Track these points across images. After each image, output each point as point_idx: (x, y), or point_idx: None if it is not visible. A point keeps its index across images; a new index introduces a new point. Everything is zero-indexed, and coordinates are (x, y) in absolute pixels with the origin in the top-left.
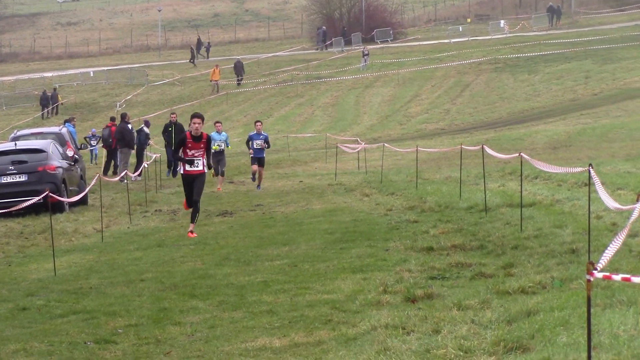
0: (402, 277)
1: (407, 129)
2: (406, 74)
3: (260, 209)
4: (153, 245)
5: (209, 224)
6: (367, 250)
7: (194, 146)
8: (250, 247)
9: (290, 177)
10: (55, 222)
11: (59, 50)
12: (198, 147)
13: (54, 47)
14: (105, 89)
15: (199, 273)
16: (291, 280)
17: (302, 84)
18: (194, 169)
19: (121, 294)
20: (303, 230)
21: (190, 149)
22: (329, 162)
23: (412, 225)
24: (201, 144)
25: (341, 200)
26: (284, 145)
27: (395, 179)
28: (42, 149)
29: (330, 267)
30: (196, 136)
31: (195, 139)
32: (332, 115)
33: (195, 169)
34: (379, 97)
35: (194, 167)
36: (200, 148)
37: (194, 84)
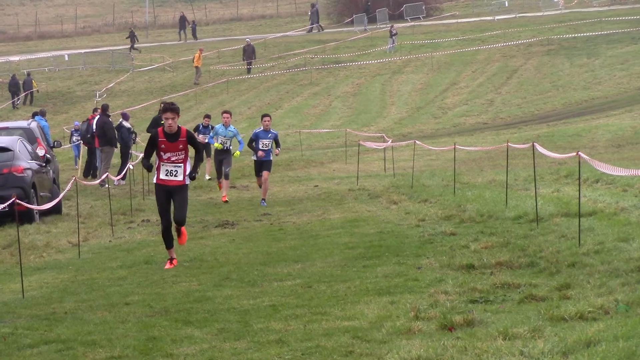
0: (437, 300)
1: (443, 123)
2: (441, 57)
3: (268, 219)
4: (140, 262)
5: (206, 236)
6: (395, 269)
7: (170, 147)
8: (256, 264)
9: (303, 181)
10: (24, 235)
11: (27, 29)
12: (176, 149)
13: (22, 25)
14: (82, 76)
15: (195, 295)
16: (304, 304)
17: (317, 70)
18: (171, 178)
19: (102, 321)
20: (319, 244)
21: (165, 152)
22: (350, 163)
23: (448, 238)
24: (179, 145)
25: (364, 209)
26: (295, 143)
27: (428, 183)
28: (7, 147)
29: (351, 289)
30: (171, 134)
31: (170, 138)
32: (353, 107)
33: (173, 179)
34: (409, 86)
35: (171, 177)
36: (179, 150)
37: (187, 70)
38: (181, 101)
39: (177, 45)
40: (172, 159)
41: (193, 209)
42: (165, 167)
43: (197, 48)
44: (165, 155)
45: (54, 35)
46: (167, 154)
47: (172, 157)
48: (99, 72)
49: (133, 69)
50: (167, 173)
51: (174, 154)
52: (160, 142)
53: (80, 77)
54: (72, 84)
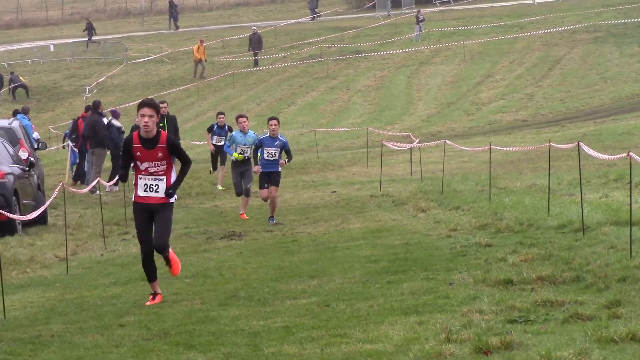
0: (470, 320)
1: (477, 121)
2: (475, 46)
3: (280, 229)
4: (135, 278)
5: (210, 249)
6: (423, 285)
7: (146, 156)
8: (266, 280)
9: (319, 187)
10: (5, 248)
11: (7, 16)
12: (154, 158)
13: (2, 12)
14: (70, 69)
15: (198, 316)
16: (322, 325)
17: (334, 61)
18: (151, 194)
19: (93, 344)
20: (337, 257)
21: (142, 161)
22: (372, 166)
23: (483, 250)
24: (157, 153)
25: (388, 218)
26: (310, 144)
27: (460, 188)
28: None
29: (374, 307)
30: (147, 139)
31: (147, 144)
32: (375, 103)
33: (153, 195)
34: (439, 78)
35: (151, 192)
36: (159, 160)
37: (188, 62)
38: (182, 97)
39: (176, 34)
40: (150, 171)
41: (195, 218)
42: (143, 180)
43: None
44: (143, 166)
45: (38, 23)
46: (144, 164)
47: (150, 168)
48: (88, 64)
49: (127, 60)
50: (145, 188)
51: (153, 164)
52: (135, 149)
53: (67, 70)
54: (58, 77)
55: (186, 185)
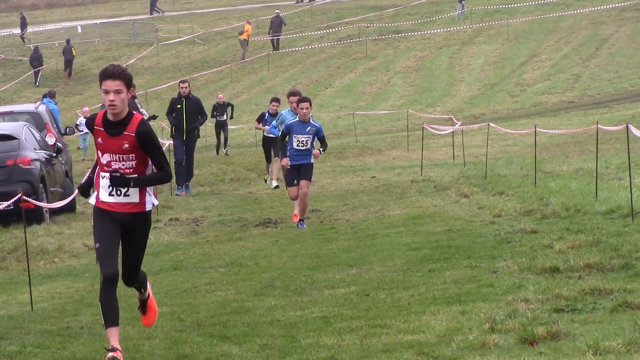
0: (515, 309)
1: (521, 103)
2: (519, 25)
3: (317, 216)
4: (168, 267)
5: (244, 237)
6: (466, 273)
7: (109, 145)
8: (303, 269)
9: (358, 172)
10: (32, 237)
11: None
12: (117, 149)
13: None
14: (98, 51)
15: (232, 306)
16: (361, 316)
17: (373, 41)
18: (118, 199)
19: (124, 336)
20: (376, 245)
21: (103, 151)
22: (412, 150)
23: (529, 237)
24: (123, 142)
25: (430, 203)
26: (349, 127)
27: (505, 173)
28: (12, 135)
29: (415, 297)
30: (113, 122)
31: (111, 128)
32: (415, 84)
33: (121, 201)
34: (482, 58)
35: (118, 197)
36: (124, 152)
37: (222, 42)
38: (214, 79)
39: (209, 14)
40: (113, 167)
41: (229, 205)
42: (106, 179)
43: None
44: (104, 158)
45: (65, 4)
46: (105, 155)
47: (112, 162)
48: (117, 45)
49: (157, 41)
50: (111, 190)
51: (116, 157)
52: (97, 133)
53: (96, 51)
54: (86, 60)
55: (220, 171)
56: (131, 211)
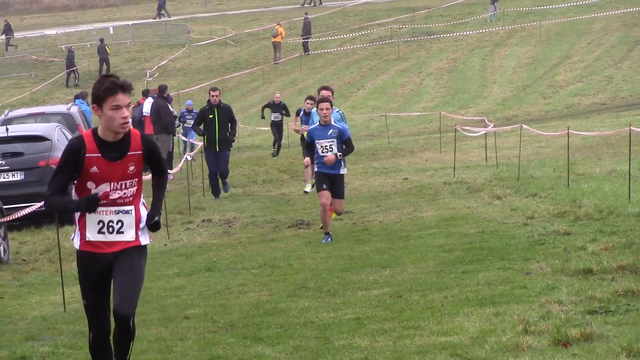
0: (549, 311)
1: (554, 104)
2: (551, 26)
3: (350, 217)
4: (200, 269)
5: (277, 239)
6: (499, 274)
7: (110, 173)
8: (336, 270)
9: (390, 173)
10: (64, 238)
11: None
12: (122, 175)
13: None
14: (130, 52)
15: (265, 308)
16: (394, 317)
17: (405, 42)
18: (111, 237)
19: (157, 337)
20: (409, 246)
21: (99, 182)
22: (445, 152)
23: (562, 238)
24: (128, 165)
25: (462, 205)
26: (381, 129)
27: (537, 175)
28: (45, 137)
29: (448, 298)
30: (112, 143)
31: (112, 152)
32: (448, 86)
33: (114, 239)
34: (514, 60)
35: (111, 234)
36: (130, 176)
37: (254, 44)
38: (246, 80)
39: (240, 15)
40: (112, 198)
41: (262, 207)
42: (97, 215)
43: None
44: (99, 190)
45: (97, 5)
46: (102, 186)
47: (112, 193)
48: (149, 47)
49: (189, 43)
50: (102, 228)
51: (118, 185)
52: (89, 162)
53: (128, 53)
54: (118, 61)
55: (252, 172)
56: (124, 248)
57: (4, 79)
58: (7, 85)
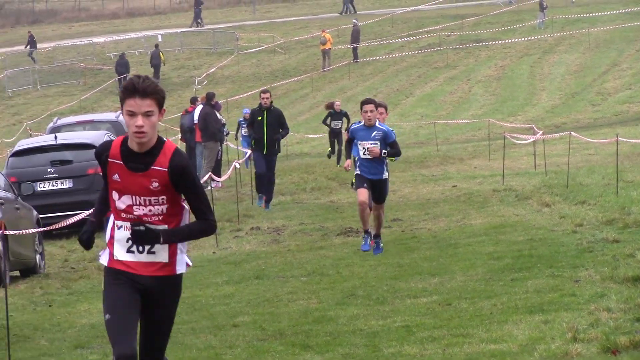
0: (598, 318)
1: (603, 112)
2: (600, 33)
3: (399, 225)
4: (249, 276)
5: (326, 246)
6: (548, 282)
7: (130, 184)
8: (385, 278)
9: (439, 181)
10: None
11: (113, 5)
12: (143, 190)
13: (107, 1)
14: (179, 59)
15: (314, 315)
16: (443, 325)
17: (454, 50)
18: (140, 258)
19: (206, 345)
20: (458, 254)
21: (121, 193)
22: (494, 159)
23: (611, 246)
24: (152, 180)
25: (511, 213)
26: (430, 136)
27: (586, 182)
28: (93, 144)
29: (497, 306)
30: (136, 153)
31: (134, 161)
32: (496, 93)
33: (144, 260)
34: (563, 67)
35: (140, 254)
36: (153, 193)
37: (302, 51)
38: (295, 88)
39: (289, 23)
40: (136, 213)
41: (311, 214)
42: (124, 230)
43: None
44: (121, 203)
45: (145, 12)
46: (124, 198)
47: (136, 208)
48: (198, 54)
49: (238, 50)
50: (131, 246)
51: (140, 201)
52: (112, 168)
53: (176, 60)
54: (167, 69)
55: (301, 180)
56: (157, 274)
57: (53, 87)
58: (55, 93)
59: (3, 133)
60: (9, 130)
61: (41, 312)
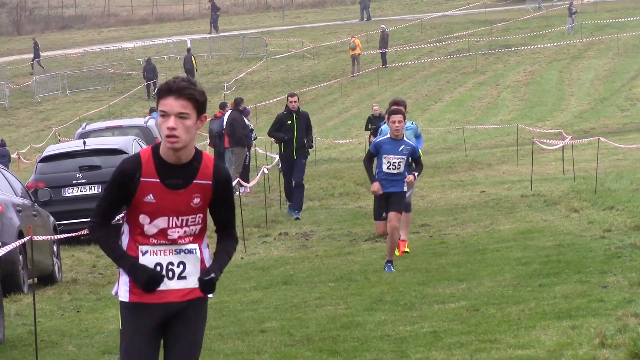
0: (626, 324)
1: (632, 117)
2: (629, 39)
3: (427, 230)
4: (277, 282)
5: (354, 252)
6: (576, 288)
7: (169, 204)
8: (413, 284)
9: (467, 186)
10: None
11: (143, 10)
12: (184, 208)
13: (137, 6)
14: (208, 65)
15: (342, 321)
16: (471, 331)
17: (483, 55)
18: (171, 284)
19: (234, 351)
20: (486, 260)
21: (154, 215)
22: (522, 165)
23: (639, 251)
24: (193, 195)
25: (539, 218)
26: (458, 142)
27: (615, 187)
28: (122, 150)
29: (525, 312)
30: (177, 166)
31: (173, 177)
32: (525, 99)
33: (174, 286)
34: (592, 73)
35: (170, 282)
36: (193, 210)
37: (331, 57)
38: (324, 94)
39: (318, 28)
40: (171, 237)
41: (339, 220)
42: (151, 256)
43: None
44: (153, 226)
45: (175, 18)
46: (157, 221)
47: (172, 230)
48: (227, 60)
49: (267, 56)
50: (160, 274)
51: (179, 221)
52: (145, 188)
53: (205, 66)
54: (196, 74)
55: (329, 185)
56: (187, 298)
57: (82, 92)
58: (84, 99)
59: (32, 138)
60: (38, 136)
61: (69, 318)
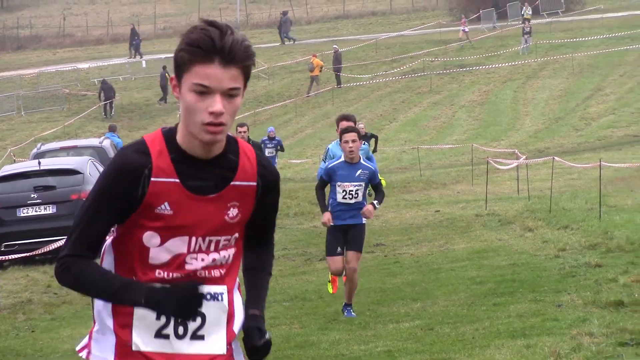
0: (580, 343)
1: (586, 136)
2: (584, 59)
3: (381, 250)
4: None
5: (308, 271)
6: (531, 307)
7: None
8: (367, 303)
9: (422, 206)
10: None
11: (98, 31)
12: (219, 225)
13: (92, 27)
14: None
15: (297, 340)
16: (425, 350)
17: (437, 75)
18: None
19: None
20: (441, 279)
21: (169, 237)
22: (477, 184)
23: (593, 270)
24: (230, 205)
25: (494, 237)
26: (413, 161)
27: (569, 207)
28: (77, 170)
29: (479, 331)
30: (205, 161)
31: (199, 180)
32: (480, 118)
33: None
34: (546, 92)
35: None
36: (229, 229)
37: (286, 77)
38: (279, 114)
39: (273, 49)
40: (190, 268)
41: (293, 239)
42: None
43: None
44: (165, 253)
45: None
46: (174, 241)
47: (193, 259)
48: None
49: None
50: (165, 326)
51: (206, 244)
52: (159, 192)
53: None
54: (151, 94)
55: (284, 205)
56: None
57: (37, 113)
58: (39, 119)
59: None
60: None
61: (24, 338)
